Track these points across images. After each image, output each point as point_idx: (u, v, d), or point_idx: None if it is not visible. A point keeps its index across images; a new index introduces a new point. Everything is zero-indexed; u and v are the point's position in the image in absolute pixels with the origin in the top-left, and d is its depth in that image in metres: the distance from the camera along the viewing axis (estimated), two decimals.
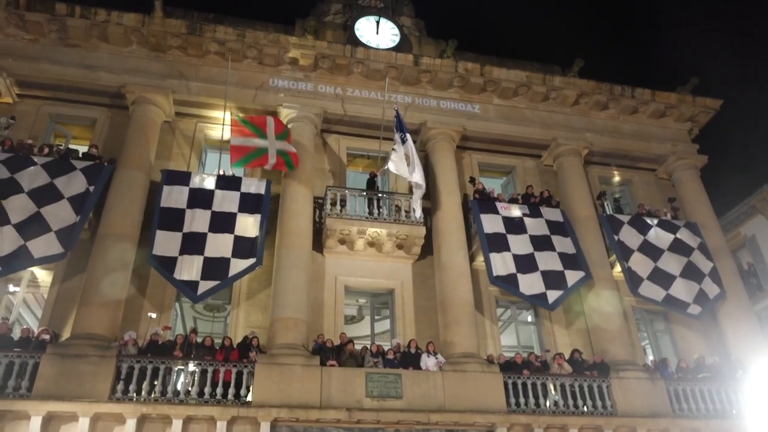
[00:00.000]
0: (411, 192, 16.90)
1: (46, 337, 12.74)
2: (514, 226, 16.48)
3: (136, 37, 17.04)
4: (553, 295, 15.31)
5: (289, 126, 17.11)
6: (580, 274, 15.93)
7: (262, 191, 15.31)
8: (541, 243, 16.24)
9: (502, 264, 15.57)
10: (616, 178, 20.03)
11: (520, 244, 16.07)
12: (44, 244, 13.22)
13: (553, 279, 15.56)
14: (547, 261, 15.88)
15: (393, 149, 15.96)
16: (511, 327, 17.17)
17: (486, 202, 16.92)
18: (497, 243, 15.93)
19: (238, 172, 16.22)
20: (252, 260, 14.17)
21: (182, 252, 13.89)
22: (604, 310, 15.99)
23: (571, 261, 16.08)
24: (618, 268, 16.96)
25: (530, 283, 15.38)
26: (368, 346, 14.14)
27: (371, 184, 16.92)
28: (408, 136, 16.04)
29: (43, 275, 14.48)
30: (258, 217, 14.81)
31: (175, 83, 16.95)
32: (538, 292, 15.31)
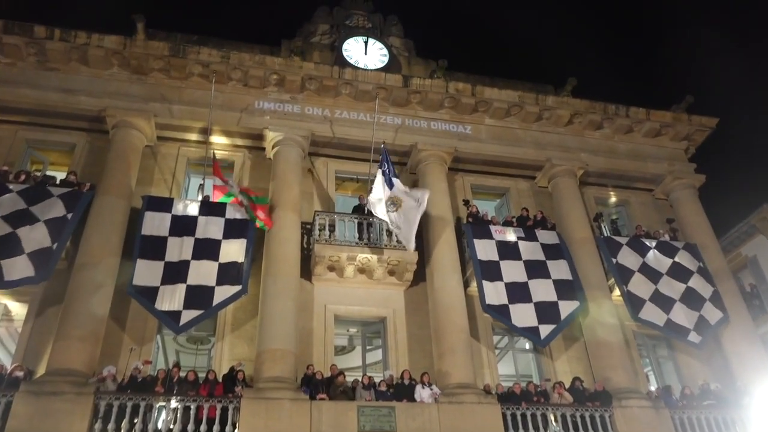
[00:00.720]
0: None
1: (20, 374, 12.47)
2: (509, 251, 16.46)
3: (117, 59, 17.09)
4: (545, 330, 15.20)
5: (276, 149, 17.16)
6: (574, 304, 15.86)
7: (248, 217, 15.21)
8: (536, 270, 16.23)
9: (495, 293, 15.52)
10: (613, 199, 20.16)
11: (513, 272, 16.04)
12: (16, 267, 13.01)
13: (546, 312, 15.48)
14: (541, 291, 15.83)
15: (373, 188, 15.88)
16: (508, 355, 17.05)
17: (479, 226, 16.92)
18: (490, 271, 15.89)
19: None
20: (237, 287, 14.04)
21: (164, 281, 13.74)
22: (605, 336, 15.92)
23: (565, 289, 16.04)
24: (617, 292, 16.94)
25: (523, 315, 15.29)
26: (360, 378, 13.95)
27: (359, 209, 16.87)
28: (396, 181, 15.62)
29: (17, 308, 14.24)
30: (243, 243, 14.70)
31: (158, 106, 16.96)
32: (531, 326, 15.20)
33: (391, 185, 15.56)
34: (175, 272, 13.94)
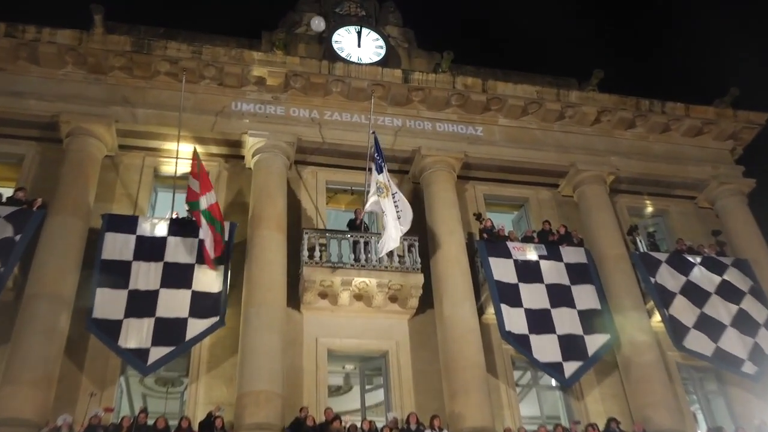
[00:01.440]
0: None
1: None
2: (529, 271, 16.54)
3: (71, 57, 17.17)
4: (570, 368, 15.20)
5: (257, 157, 17.19)
6: (604, 338, 15.91)
7: (225, 237, 15.20)
8: (559, 296, 16.30)
9: (515, 319, 15.59)
10: (649, 209, 20.23)
11: (534, 297, 16.12)
12: None
13: (571, 346, 15.50)
14: (565, 321, 15.89)
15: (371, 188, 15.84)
16: (532, 393, 16.96)
17: (495, 243, 16.96)
18: (509, 294, 15.97)
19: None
20: (214, 319, 14.07)
21: (128, 314, 13.76)
22: (644, 370, 15.84)
23: (593, 320, 16.09)
24: (657, 317, 16.89)
25: (545, 348, 15.31)
26: (358, 423, 13.84)
27: (354, 225, 16.85)
28: (384, 166, 15.77)
29: None
30: (220, 268, 14.73)
31: (119, 110, 17.01)
32: (554, 361, 15.23)
33: (380, 171, 15.60)
34: (142, 303, 13.96)
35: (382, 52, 20.32)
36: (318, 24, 19.89)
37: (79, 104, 16.79)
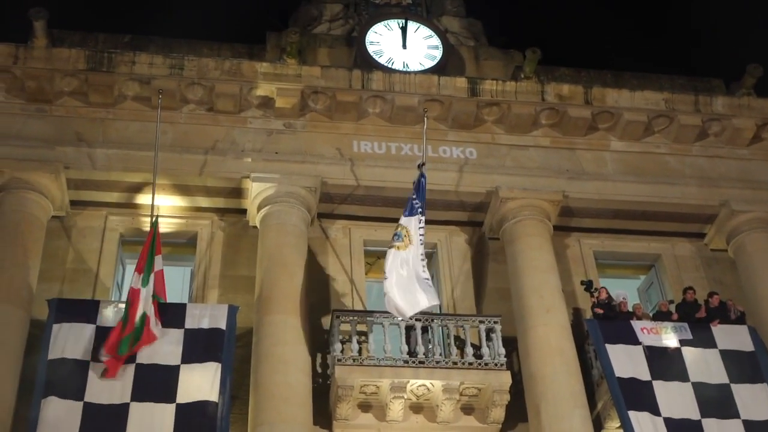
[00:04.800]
0: (478, 312, 16.98)
1: None
2: (667, 363, 16.41)
3: (4, 81, 17.79)
4: None
5: (264, 211, 17.42)
6: None
7: (223, 324, 15.39)
8: (714, 400, 16.04)
9: (651, 430, 15.36)
10: None
11: (677, 400, 15.93)
12: None
13: None
14: None
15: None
16: None
17: (615, 323, 16.88)
18: (639, 396, 15.76)
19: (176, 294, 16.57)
20: None
21: None
22: None
23: None
24: None
25: None
26: None
27: None
28: (420, 218, 16.09)
29: None
30: (217, 369, 14.75)
31: (71, 153, 17.45)
32: None
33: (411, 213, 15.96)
34: (104, 422, 14.00)
35: (438, 54, 20.63)
36: None
37: (14, 146, 17.22)
